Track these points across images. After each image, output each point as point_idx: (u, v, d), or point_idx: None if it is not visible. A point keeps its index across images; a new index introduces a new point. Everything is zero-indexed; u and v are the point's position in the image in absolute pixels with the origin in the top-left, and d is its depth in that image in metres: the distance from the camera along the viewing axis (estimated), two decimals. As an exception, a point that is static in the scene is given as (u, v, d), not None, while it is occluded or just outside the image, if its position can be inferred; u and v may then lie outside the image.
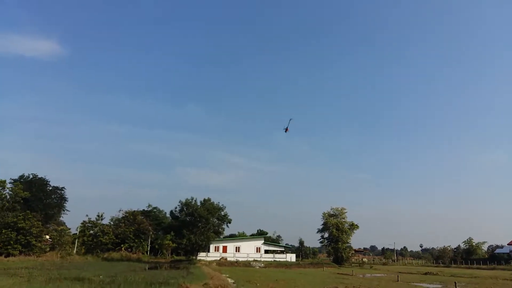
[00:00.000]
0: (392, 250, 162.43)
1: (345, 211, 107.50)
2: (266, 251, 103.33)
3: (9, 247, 64.26)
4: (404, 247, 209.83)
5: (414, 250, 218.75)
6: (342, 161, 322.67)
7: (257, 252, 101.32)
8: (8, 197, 72.06)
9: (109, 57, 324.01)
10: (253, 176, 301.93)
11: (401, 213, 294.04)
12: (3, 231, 64.73)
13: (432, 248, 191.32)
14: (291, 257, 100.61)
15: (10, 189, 72.54)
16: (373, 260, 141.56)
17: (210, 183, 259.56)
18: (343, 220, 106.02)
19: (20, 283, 24.59)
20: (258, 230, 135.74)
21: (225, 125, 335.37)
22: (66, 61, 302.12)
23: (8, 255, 62.00)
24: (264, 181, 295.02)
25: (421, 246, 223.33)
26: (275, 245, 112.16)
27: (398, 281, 50.27)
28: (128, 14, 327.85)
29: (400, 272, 68.98)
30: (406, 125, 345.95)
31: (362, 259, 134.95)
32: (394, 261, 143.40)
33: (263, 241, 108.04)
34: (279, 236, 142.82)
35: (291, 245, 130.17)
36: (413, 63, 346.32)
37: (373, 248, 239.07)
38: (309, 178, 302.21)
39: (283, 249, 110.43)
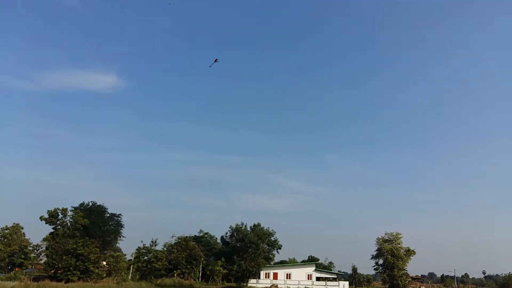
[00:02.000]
0: (453, 277, 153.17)
1: (401, 236, 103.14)
2: (318, 278, 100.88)
3: (68, 273, 67.08)
4: (466, 274, 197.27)
5: (476, 277, 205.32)
6: (398, 180, 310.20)
7: (308, 279, 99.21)
8: (69, 224, 75.75)
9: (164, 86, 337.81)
10: (304, 200, 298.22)
11: (462, 237, 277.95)
12: (63, 258, 67.73)
13: (497, 275, 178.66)
14: (344, 285, 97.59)
15: (71, 216, 76.24)
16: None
17: (262, 207, 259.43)
18: (399, 245, 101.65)
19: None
20: (309, 257, 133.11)
21: (277, 148, 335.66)
22: (126, 93, 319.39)
23: (67, 281, 64.68)
24: (316, 205, 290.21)
25: (484, 273, 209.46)
26: (327, 272, 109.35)
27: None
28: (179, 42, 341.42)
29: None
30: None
31: (420, 287, 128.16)
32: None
33: (314, 268, 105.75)
34: (331, 263, 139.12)
35: (343, 272, 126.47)
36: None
37: (431, 275, 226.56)
38: (362, 201, 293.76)
39: (336, 276, 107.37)
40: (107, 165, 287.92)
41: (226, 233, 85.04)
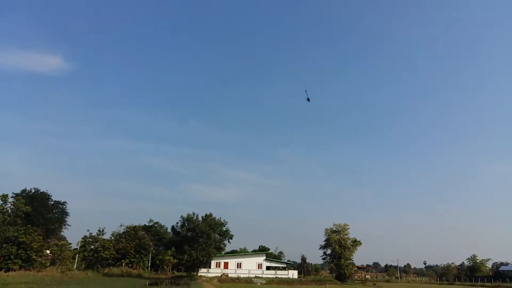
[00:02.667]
0: (396, 267, 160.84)
1: (348, 227, 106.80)
2: (268, 268, 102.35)
3: (9, 261, 63.86)
4: (408, 264, 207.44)
5: (417, 267, 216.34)
6: (345, 176, 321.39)
7: (258, 268, 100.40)
8: (9, 211, 71.92)
9: (114, 72, 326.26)
10: (256, 191, 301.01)
11: (404, 229, 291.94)
12: (3, 246, 64.43)
13: (436, 265, 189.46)
14: (293, 274, 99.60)
15: (12, 203, 72.45)
16: (376, 277, 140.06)
17: (212, 198, 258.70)
18: (346, 236, 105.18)
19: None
20: (260, 246, 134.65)
21: (227, 140, 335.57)
22: (73, 76, 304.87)
23: (8, 270, 61.57)
24: (266, 197, 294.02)
25: (424, 263, 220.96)
26: (277, 261, 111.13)
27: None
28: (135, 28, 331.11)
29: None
30: (408, 135, 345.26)
31: (365, 276, 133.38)
32: (398, 278, 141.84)
33: (264, 257, 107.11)
34: (281, 253, 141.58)
35: (293, 262, 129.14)
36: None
37: (376, 265, 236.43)
38: (311, 194, 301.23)
39: (285, 266, 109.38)
40: (51, 151, 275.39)
41: (177, 223, 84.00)
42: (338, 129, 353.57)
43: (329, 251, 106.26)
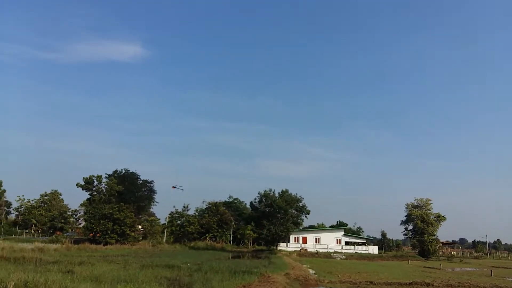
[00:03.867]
0: (484, 243, 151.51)
1: (430, 202, 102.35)
2: (347, 243, 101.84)
3: (107, 236, 70.30)
4: (498, 239, 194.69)
5: (509, 243, 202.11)
6: (426, 147, 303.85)
7: (337, 243, 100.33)
8: (104, 190, 78.76)
9: (187, 54, 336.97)
10: (331, 167, 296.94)
11: (494, 203, 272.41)
12: (101, 222, 70.87)
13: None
14: (373, 249, 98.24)
15: (106, 183, 79.14)
16: (463, 254, 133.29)
17: (287, 174, 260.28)
18: (429, 211, 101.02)
19: (118, 269, 27.11)
20: (337, 222, 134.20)
21: (299, 115, 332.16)
22: (151, 62, 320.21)
23: (106, 243, 67.83)
24: (343, 172, 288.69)
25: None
26: (356, 237, 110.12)
27: (491, 275, 47.06)
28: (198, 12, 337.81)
29: (493, 267, 64.17)
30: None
31: (450, 252, 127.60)
32: (487, 255, 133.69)
33: (343, 233, 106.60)
34: (360, 228, 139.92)
35: (372, 237, 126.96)
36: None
37: (462, 241, 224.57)
38: (390, 167, 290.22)
39: (365, 241, 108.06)
40: (135, 134, 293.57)
41: (255, 199, 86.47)
42: (413, 94, 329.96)
43: (411, 227, 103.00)
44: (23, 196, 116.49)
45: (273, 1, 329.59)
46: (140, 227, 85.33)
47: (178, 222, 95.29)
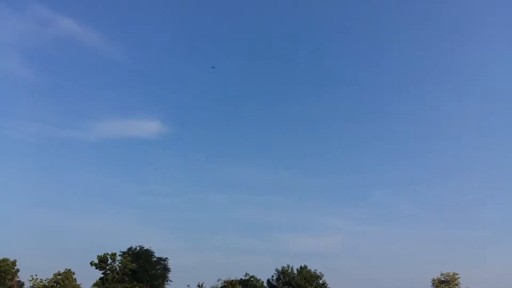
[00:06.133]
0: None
1: (458, 276, 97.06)
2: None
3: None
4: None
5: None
6: (453, 217, 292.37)
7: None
8: (117, 269, 77.26)
9: (205, 131, 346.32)
10: (351, 239, 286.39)
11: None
12: (113, 303, 68.85)
13: None
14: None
15: (120, 261, 77.86)
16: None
17: (307, 248, 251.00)
18: (456, 286, 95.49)
19: None
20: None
21: (317, 187, 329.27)
22: (170, 138, 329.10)
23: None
24: (363, 244, 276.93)
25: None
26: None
27: None
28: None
29: None
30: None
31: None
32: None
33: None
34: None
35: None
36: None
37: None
38: (411, 239, 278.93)
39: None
40: (151, 208, 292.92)
41: (272, 276, 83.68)
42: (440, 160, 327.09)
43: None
44: (36, 275, 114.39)
45: (292, 88, 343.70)
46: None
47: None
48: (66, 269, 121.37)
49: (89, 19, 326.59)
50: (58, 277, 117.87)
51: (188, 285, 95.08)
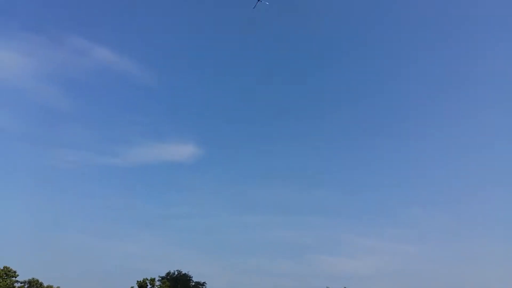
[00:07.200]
0: None
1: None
2: None
3: None
4: None
5: None
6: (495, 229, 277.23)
7: None
8: (157, 294, 77.61)
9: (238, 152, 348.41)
10: (391, 260, 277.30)
11: None
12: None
13: None
14: None
15: (159, 286, 78.20)
16: None
17: (344, 270, 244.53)
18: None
19: None
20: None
21: (353, 205, 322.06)
22: (203, 161, 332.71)
23: None
24: (404, 265, 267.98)
25: None
26: None
27: None
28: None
29: None
30: None
31: None
32: None
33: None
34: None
35: None
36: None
37: None
38: (457, 256, 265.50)
39: None
40: (185, 231, 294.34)
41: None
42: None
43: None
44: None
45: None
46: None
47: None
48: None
49: (123, 47, 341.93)
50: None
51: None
